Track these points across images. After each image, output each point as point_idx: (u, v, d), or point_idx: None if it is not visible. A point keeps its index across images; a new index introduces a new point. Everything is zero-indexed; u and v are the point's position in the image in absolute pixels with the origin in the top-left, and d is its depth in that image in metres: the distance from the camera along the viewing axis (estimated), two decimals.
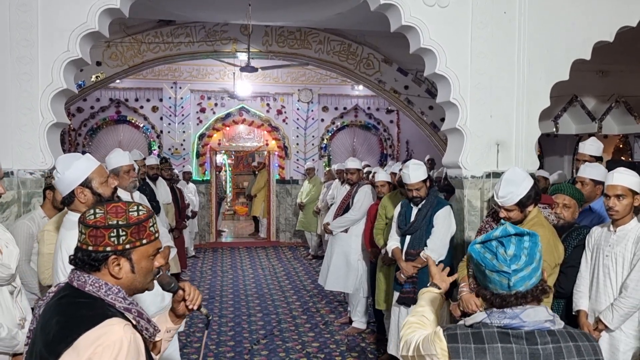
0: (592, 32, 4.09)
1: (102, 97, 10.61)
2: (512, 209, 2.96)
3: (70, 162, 2.49)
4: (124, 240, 1.57)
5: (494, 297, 1.52)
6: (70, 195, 2.47)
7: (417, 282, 3.90)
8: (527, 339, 1.48)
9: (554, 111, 7.43)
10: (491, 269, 1.50)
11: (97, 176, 2.51)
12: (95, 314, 1.49)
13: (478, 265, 1.54)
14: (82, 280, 1.56)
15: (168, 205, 6.36)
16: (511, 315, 1.50)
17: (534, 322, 1.49)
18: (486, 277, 1.52)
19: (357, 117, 11.68)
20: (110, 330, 1.45)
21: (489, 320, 1.52)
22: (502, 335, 1.49)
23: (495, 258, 1.49)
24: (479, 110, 3.98)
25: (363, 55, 8.56)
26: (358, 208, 5.55)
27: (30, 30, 3.66)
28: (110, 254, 1.57)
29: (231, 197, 15.84)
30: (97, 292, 1.55)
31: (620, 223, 2.96)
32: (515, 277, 1.48)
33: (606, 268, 2.99)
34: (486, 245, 1.53)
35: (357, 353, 5.05)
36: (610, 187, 2.95)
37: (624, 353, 2.91)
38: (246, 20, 6.68)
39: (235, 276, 8.36)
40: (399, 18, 3.89)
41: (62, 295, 1.58)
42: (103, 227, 1.56)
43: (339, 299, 6.76)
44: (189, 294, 1.82)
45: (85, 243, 1.57)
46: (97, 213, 1.59)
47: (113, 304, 1.55)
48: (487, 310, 1.56)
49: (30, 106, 3.68)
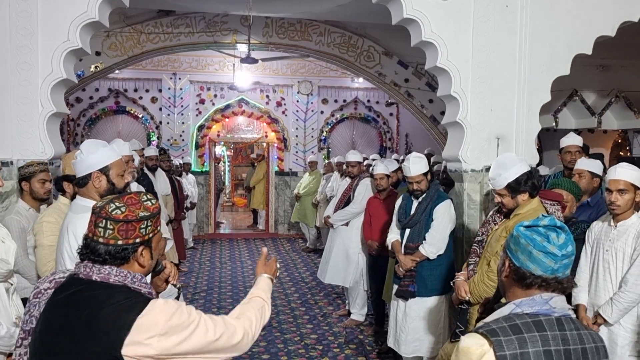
0: (593, 27, 4.08)
1: (101, 87, 10.57)
2: (503, 193, 3.00)
3: (97, 147, 2.57)
4: (149, 230, 1.65)
5: (535, 278, 1.56)
6: (86, 178, 2.51)
7: (415, 275, 3.91)
8: (557, 324, 1.54)
9: (554, 106, 7.42)
10: (540, 249, 1.54)
11: (116, 167, 2.57)
12: (137, 300, 1.54)
13: (525, 245, 1.57)
14: (105, 272, 1.58)
15: (167, 197, 6.35)
16: (540, 302, 1.55)
17: (561, 309, 1.56)
18: (531, 256, 1.56)
19: (356, 110, 11.67)
20: (161, 308, 1.53)
21: (520, 309, 1.56)
22: (536, 323, 1.53)
23: (547, 240, 1.54)
24: (480, 104, 3.98)
25: (363, 47, 8.53)
26: (359, 201, 5.55)
27: (30, 19, 3.64)
28: (139, 245, 1.63)
29: (230, 188, 15.84)
30: (124, 281, 1.58)
31: (621, 218, 2.96)
32: (561, 262, 1.54)
33: (606, 263, 2.99)
34: (533, 229, 1.58)
35: (355, 345, 5.07)
36: (613, 182, 2.95)
37: (622, 347, 2.92)
38: (246, 11, 6.65)
39: (234, 267, 8.37)
40: (401, 10, 3.88)
41: (77, 289, 1.57)
42: (135, 220, 1.60)
43: (337, 291, 6.78)
44: (171, 271, 1.96)
45: (114, 238, 1.59)
46: (120, 207, 1.61)
47: (139, 290, 1.60)
48: (514, 302, 1.59)
49: (30, 96, 3.67)
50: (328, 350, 4.93)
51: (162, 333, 1.50)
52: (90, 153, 2.51)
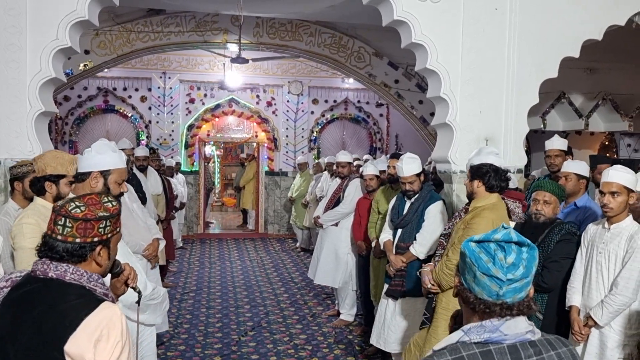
0: (581, 31, 4.13)
1: (89, 85, 10.49)
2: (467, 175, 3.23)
3: (107, 149, 2.63)
4: (108, 230, 1.69)
5: (477, 302, 1.39)
6: (85, 175, 2.57)
7: (405, 275, 3.93)
8: (510, 352, 1.37)
9: (542, 107, 7.49)
10: (484, 272, 1.37)
11: (117, 174, 2.63)
12: (89, 299, 1.58)
13: (470, 265, 1.40)
14: (62, 270, 1.61)
15: (158, 197, 6.30)
16: (491, 328, 1.38)
17: (515, 335, 1.38)
18: (476, 278, 1.39)
19: (347, 110, 11.69)
20: (109, 312, 1.56)
21: (468, 338, 1.39)
22: (485, 354, 1.36)
23: (492, 262, 1.37)
24: (469, 105, 4.01)
25: (354, 48, 8.55)
26: (349, 202, 5.57)
27: (18, 18, 3.61)
28: (97, 244, 1.66)
29: (219, 188, 15.80)
30: (79, 280, 1.62)
31: (615, 220, 2.98)
32: (507, 287, 1.36)
33: (599, 265, 3.01)
34: (483, 246, 1.40)
35: (344, 345, 5.09)
36: (606, 184, 2.96)
37: (612, 349, 2.95)
38: (237, 11, 6.64)
39: (223, 268, 8.36)
40: (391, 12, 3.89)
41: (32, 287, 1.60)
42: (94, 219, 1.64)
43: (327, 292, 6.79)
44: (130, 274, 1.96)
45: (73, 236, 1.62)
46: (80, 206, 1.65)
47: (94, 290, 1.63)
48: (462, 328, 1.43)
49: (18, 94, 3.63)
50: (317, 351, 4.94)
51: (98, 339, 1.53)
52: (98, 153, 2.58)
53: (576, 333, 3.06)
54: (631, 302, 2.90)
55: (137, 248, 3.56)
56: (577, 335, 3.05)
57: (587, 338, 3.04)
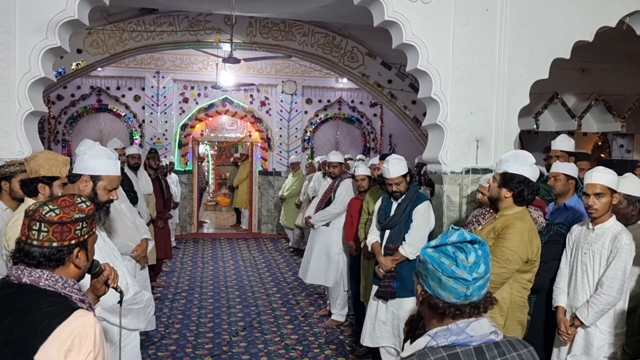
0: (572, 32, 4.14)
1: (82, 84, 10.45)
2: (496, 178, 2.97)
3: (103, 154, 2.62)
4: (85, 232, 1.66)
5: (448, 307, 1.41)
6: (76, 177, 2.58)
7: (395, 276, 3.93)
8: (477, 354, 1.39)
9: (535, 108, 7.51)
10: (449, 276, 1.39)
11: (107, 181, 2.60)
12: (62, 307, 1.53)
13: (433, 271, 1.41)
14: (35, 276, 1.57)
15: (149, 196, 6.29)
16: (457, 331, 1.40)
17: (480, 336, 1.41)
18: (442, 283, 1.40)
19: (340, 110, 11.69)
20: (82, 321, 1.52)
21: (435, 342, 1.40)
22: (453, 357, 1.38)
23: (455, 264, 1.39)
24: (460, 106, 4.01)
25: (347, 48, 8.55)
26: (340, 202, 5.57)
27: (8, 17, 3.59)
28: (75, 247, 1.63)
29: (213, 188, 15.77)
30: (54, 286, 1.58)
31: (599, 221, 3.01)
32: (474, 286, 1.39)
33: (584, 265, 3.04)
34: (441, 250, 1.42)
35: (335, 345, 5.09)
36: (590, 186, 2.99)
37: (597, 348, 2.97)
38: (230, 11, 6.62)
39: (216, 267, 8.34)
40: (382, 13, 3.90)
41: (4, 294, 1.56)
42: (70, 222, 1.61)
43: (318, 292, 6.79)
44: (110, 274, 1.92)
45: (49, 240, 1.59)
46: (54, 209, 1.61)
47: (70, 296, 1.59)
48: (428, 332, 1.44)
49: (7, 94, 3.62)
50: (308, 351, 4.94)
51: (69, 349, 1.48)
52: (92, 157, 2.57)
53: (562, 333, 3.07)
54: (616, 301, 2.92)
55: (126, 249, 3.55)
56: (563, 335, 3.07)
57: (573, 338, 3.06)
